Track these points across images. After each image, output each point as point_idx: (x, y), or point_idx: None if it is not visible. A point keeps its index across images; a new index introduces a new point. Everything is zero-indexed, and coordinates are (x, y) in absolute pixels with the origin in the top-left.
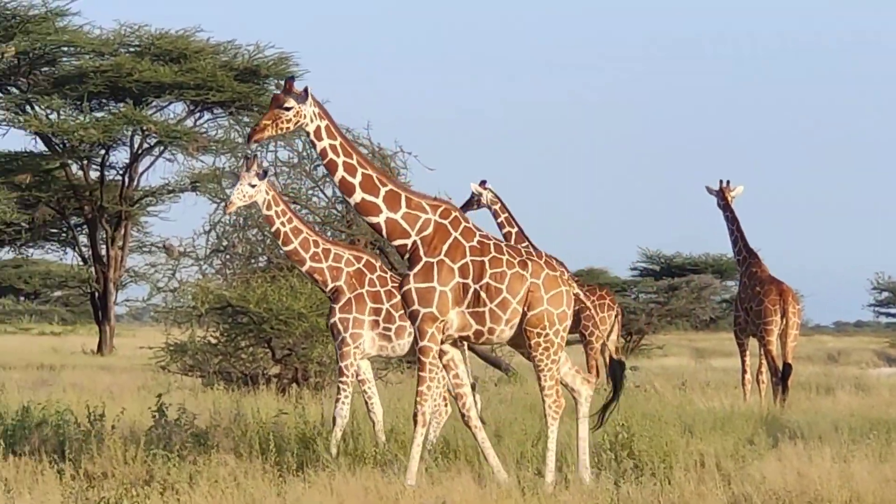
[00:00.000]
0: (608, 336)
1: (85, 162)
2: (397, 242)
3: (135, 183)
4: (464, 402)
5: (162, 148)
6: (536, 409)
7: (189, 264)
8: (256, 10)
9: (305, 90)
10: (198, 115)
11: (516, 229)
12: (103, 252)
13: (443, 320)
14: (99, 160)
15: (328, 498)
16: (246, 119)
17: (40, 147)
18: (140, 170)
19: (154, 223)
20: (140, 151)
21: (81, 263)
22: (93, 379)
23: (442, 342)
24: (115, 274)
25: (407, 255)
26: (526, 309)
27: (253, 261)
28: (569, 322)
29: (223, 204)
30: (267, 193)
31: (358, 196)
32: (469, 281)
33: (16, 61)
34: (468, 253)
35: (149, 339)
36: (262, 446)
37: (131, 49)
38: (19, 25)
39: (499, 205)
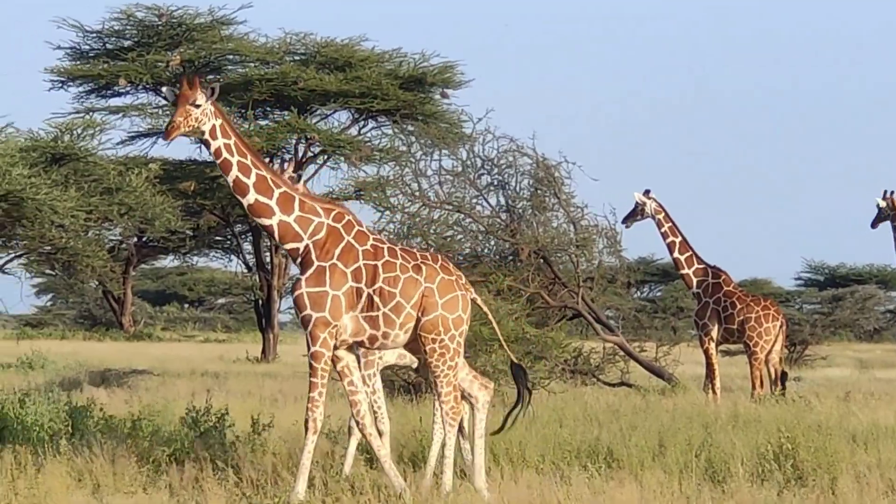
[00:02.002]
0: (772, 347)
1: None
2: (289, 246)
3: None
4: (357, 409)
5: (326, 156)
6: (700, 419)
7: None
8: (422, 18)
9: (212, 88)
10: (362, 123)
11: (680, 239)
12: (267, 260)
13: (335, 325)
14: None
15: None
16: (410, 128)
17: (205, 155)
18: (304, 178)
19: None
20: (304, 160)
21: (245, 271)
22: (257, 386)
23: (336, 347)
24: (279, 281)
25: (299, 260)
26: (420, 314)
27: None
28: (465, 327)
29: (387, 212)
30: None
31: (251, 197)
32: (362, 285)
33: (181, 70)
34: (361, 257)
35: None
36: (424, 455)
37: (296, 57)
38: (185, 34)
39: (663, 214)
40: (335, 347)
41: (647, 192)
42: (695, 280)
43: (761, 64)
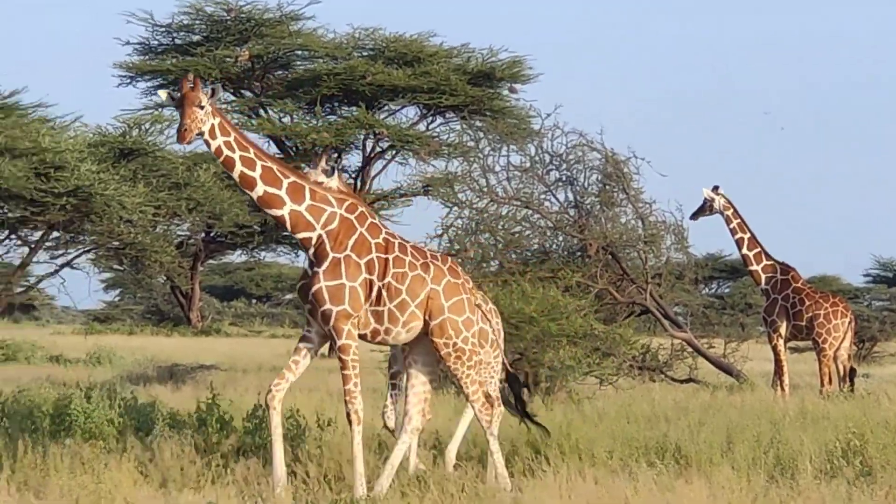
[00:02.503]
0: (841, 343)
1: None
2: (301, 235)
3: (367, 186)
4: (279, 382)
5: (394, 152)
6: (768, 416)
7: None
8: (490, 13)
9: (213, 89)
10: (430, 118)
11: (748, 235)
12: None
13: (357, 316)
14: (332, 164)
15: (560, 502)
16: (478, 123)
17: (273, 150)
18: (372, 173)
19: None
20: (372, 155)
21: None
22: (322, 381)
23: (309, 325)
24: None
25: (312, 251)
26: (427, 318)
27: (485, 265)
28: (477, 328)
29: (455, 208)
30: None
31: (260, 189)
32: (374, 277)
33: (250, 65)
34: (374, 249)
35: None
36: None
37: (365, 53)
38: (254, 29)
39: (731, 210)
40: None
41: (715, 188)
42: (763, 276)
43: (838, 58)
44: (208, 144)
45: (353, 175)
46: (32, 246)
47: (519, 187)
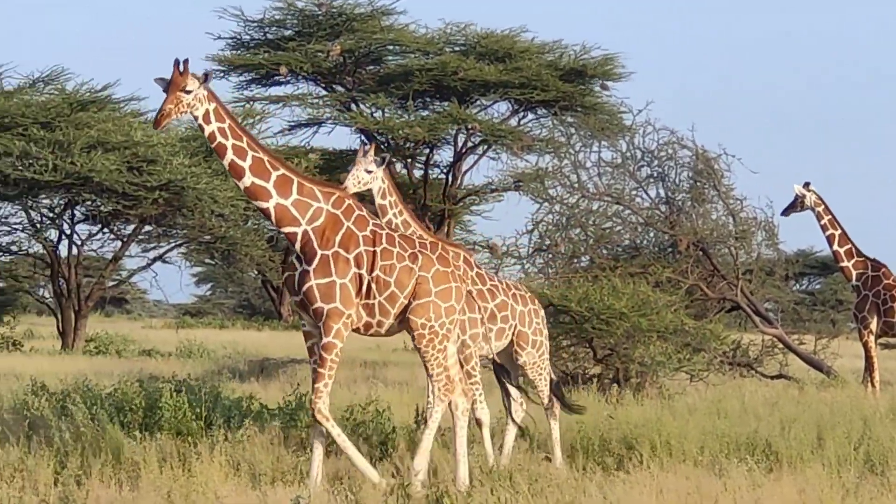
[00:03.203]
0: None
1: (409, 160)
2: (286, 230)
3: (458, 181)
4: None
5: (486, 147)
6: (859, 412)
7: (511, 263)
8: (582, 10)
9: (205, 73)
10: (521, 114)
11: (839, 231)
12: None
13: (349, 314)
14: (423, 158)
15: (650, 498)
16: (570, 119)
17: None
18: (464, 168)
19: (477, 222)
20: (464, 150)
21: None
22: (413, 376)
23: (308, 325)
24: None
25: (298, 246)
26: (413, 299)
27: (575, 260)
28: (456, 317)
29: (545, 203)
30: (383, 182)
31: (248, 179)
32: (363, 271)
33: (342, 59)
34: (361, 242)
35: None
36: (584, 445)
37: (456, 48)
38: (345, 24)
39: (822, 207)
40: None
41: (806, 185)
42: (854, 273)
43: None
44: (202, 129)
45: (445, 170)
46: (125, 240)
47: (610, 183)
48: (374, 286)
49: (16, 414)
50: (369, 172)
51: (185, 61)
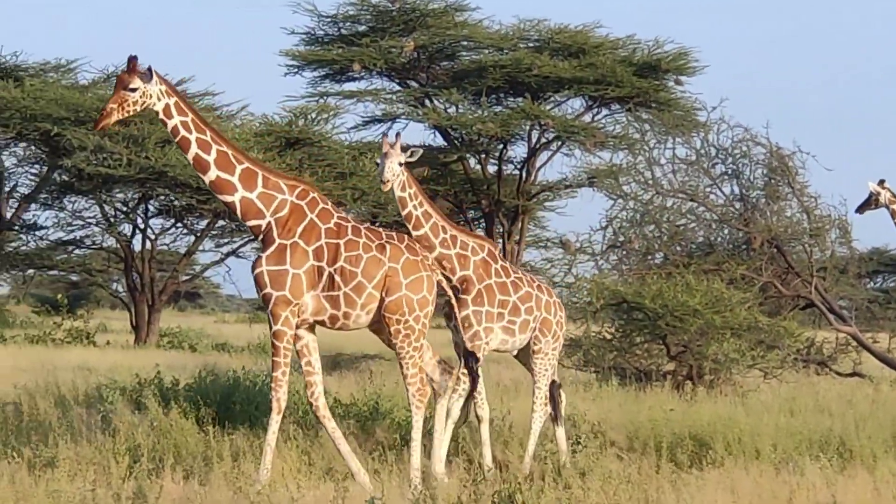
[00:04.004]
0: None
1: (483, 156)
2: (251, 223)
3: (532, 178)
4: (313, 390)
5: (560, 143)
6: None
7: (585, 260)
8: (655, 4)
9: (149, 69)
10: (596, 110)
11: None
12: (500, 246)
13: (296, 304)
14: (496, 154)
15: (723, 496)
16: (644, 116)
17: (438, 141)
18: (537, 164)
19: (551, 218)
20: (538, 146)
21: None
22: (487, 372)
23: (298, 326)
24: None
25: (261, 237)
26: (384, 294)
27: (649, 257)
28: (431, 308)
29: (619, 200)
30: (403, 174)
31: (213, 173)
32: (324, 264)
33: (415, 55)
34: (324, 235)
35: None
36: (656, 443)
37: (530, 44)
38: (419, 20)
39: None
40: (297, 326)
41: (881, 182)
42: None
43: None
44: (165, 124)
45: (518, 166)
46: (198, 234)
47: (684, 180)
48: (337, 278)
49: (89, 408)
50: (401, 165)
51: (131, 59)
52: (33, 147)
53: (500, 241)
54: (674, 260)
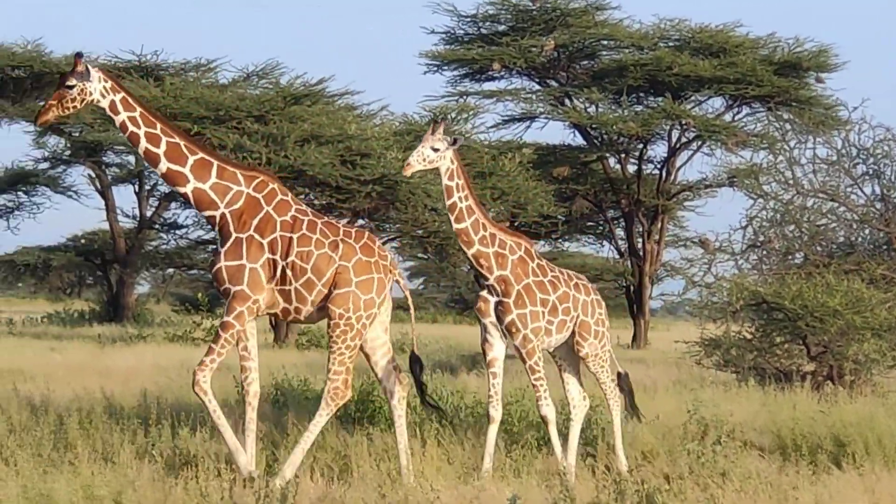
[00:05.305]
0: None
1: (623, 155)
2: (206, 214)
3: (672, 177)
4: (246, 375)
5: (700, 142)
6: None
7: (724, 259)
8: (795, 3)
9: (86, 67)
10: (736, 109)
11: None
12: (639, 246)
13: (256, 299)
14: (637, 154)
15: (863, 497)
16: (785, 116)
17: (578, 140)
18: (677, 164)
19: (690, 217)
20: (678, 146)
21: (617, 257)
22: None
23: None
24: (651, 268)
25: (216, 230)
26: (333, 288)
27: (789, 257)
28: (375, 311)
29: (759, 199)
30: (452, 163)
31: (163, 166)
32: (277, 257)
33: (555, 55)
34: (279, 228)
35: (683, 334)
36: (796, 444)
37: (670, 43)
38: (559, 19)
39: None
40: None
41: None
42: None
43: None
44: (112, 121)
45: (658, 166)
46: None
47: (825, 180)
48: (289, 272)
49: (228, 407)
50: (436, 150)
51: (76, 55)
52: None
53: (640, 240)
54: (814, 260)
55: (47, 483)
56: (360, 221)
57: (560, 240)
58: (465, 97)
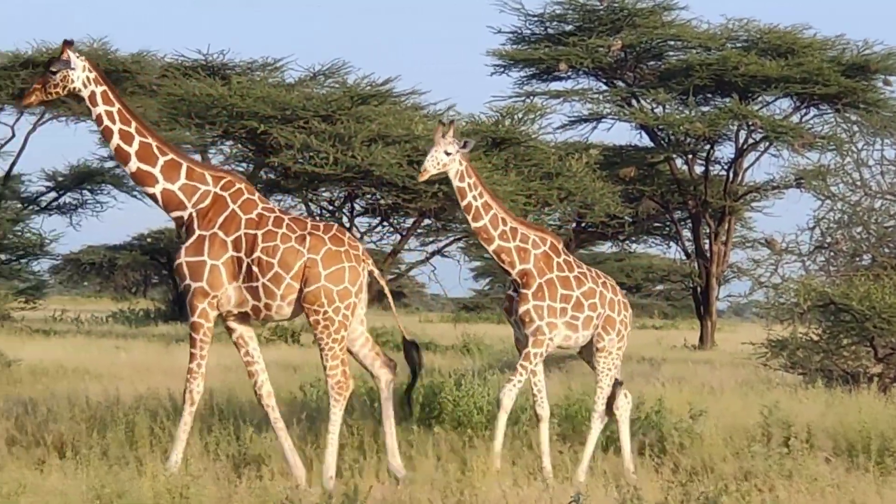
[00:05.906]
0: None
1: (690, 156)
2: (174, 215)
3: (739, 178)
4: (255, 380)
5: (767, 143)
6: None
7: (791, 260)
8: (865, 6)
9: (70, 56)
10: (804, 110)
11: None
12: (706, 247)
13: (214, 295)
14: (704, 155)
15: None
16: (853, 117)
17: (645, 141)
18: (745, 165)
19: (757, 219)
20: (745, 146)
21: (684, 258)
22: (691, 373)
23: (226, 318)
24: (718, 269)
25: (184, 228)
26: (303, 285)
27: (857, 258)
28: (353, 300)
29: (827, 201)
30: (460, 164)
31: (133, 165)
32: (242, 255)
33: (622, 55)
34: (243, 225)
35: (750, 335)
36: (864, 446)
37: (738, 44)
38: (626, 19)
39: None
40: (224, 318)
41: None
42: None
43: None
44: (90, 112)
45: (725, 166)
46: (404, 233)
47: (893, 182)
48: (255, 268)
49: (292, 406)
50: (448, 154)
51: (64, 43)
52: (240, 145)
53: (707, 241)
54: (882, 262)
55: (117, 480)
56: (427, 221)
57: (627, 241)
58: (531, 97)
